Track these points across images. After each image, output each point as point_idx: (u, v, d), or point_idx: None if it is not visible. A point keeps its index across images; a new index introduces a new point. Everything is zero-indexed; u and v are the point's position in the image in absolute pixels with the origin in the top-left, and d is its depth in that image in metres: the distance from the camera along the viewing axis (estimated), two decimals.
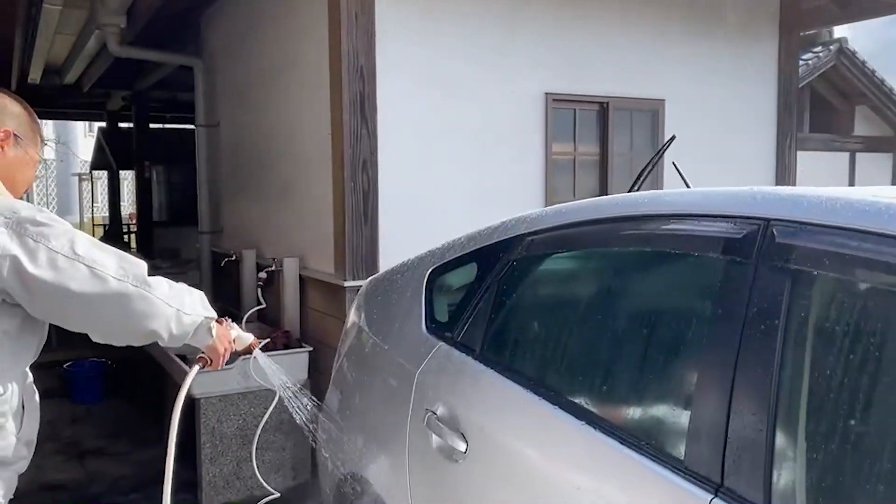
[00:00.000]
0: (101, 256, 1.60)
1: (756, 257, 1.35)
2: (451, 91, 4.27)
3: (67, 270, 1.54)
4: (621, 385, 1.59)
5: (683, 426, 1.37)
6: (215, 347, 1.88)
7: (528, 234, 1.98)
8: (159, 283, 1.68)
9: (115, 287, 1.59)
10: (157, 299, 1.64)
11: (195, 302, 1.77)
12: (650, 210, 1.64)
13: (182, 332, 1.73)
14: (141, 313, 1.63)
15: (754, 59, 5.39)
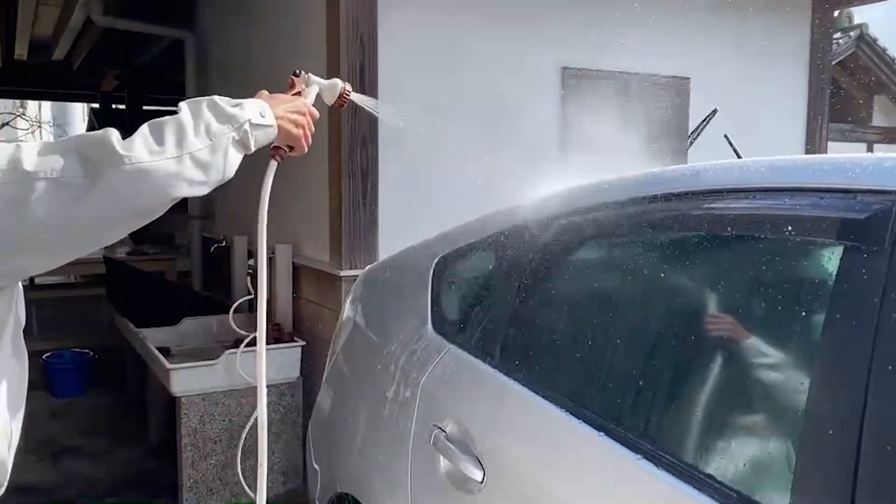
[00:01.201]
0: (52, 159, 1.12)
1: (890, 244, 0.99)
2: (459, 62, 3.90)
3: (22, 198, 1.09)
4: (692, 410, 1.23)
5: (788, 470, 1.01)
6: (285, 131, 1.42)
7: (565, 214, 1.61)
8: (133, 142, 1.18)
9: (88, 185, 1.13)
10: (141, 165, 1.16)
11: (208, 122, 1.26)
12: (724, 183, 1.28)
13: (215, 166, 1.25)
14: (128, 196, 1.17)
15: (787, 35, 5.01)
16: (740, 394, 1.19)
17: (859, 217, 1.04)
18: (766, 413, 1.14)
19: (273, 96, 1.46)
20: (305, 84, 1.62)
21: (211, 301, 4.90)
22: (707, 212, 1.28)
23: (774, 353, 1.15)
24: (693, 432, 1.21)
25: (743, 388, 1.18)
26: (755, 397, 1.17)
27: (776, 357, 1.15)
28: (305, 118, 1.47)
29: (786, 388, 1.11)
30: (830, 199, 1.10)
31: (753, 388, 1.17)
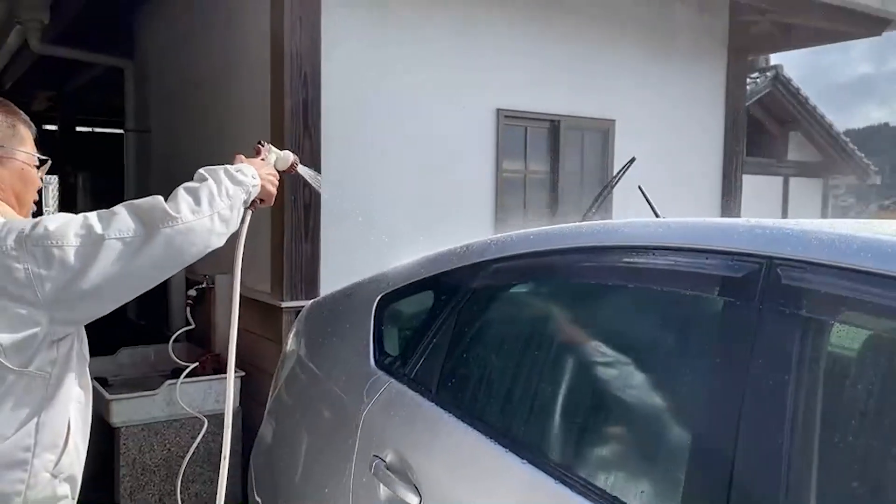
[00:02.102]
0: (117, 222, 1.43)
1: (759, 300, 1.19)
2: (400, 103, 4.08)
3: (98, 256, 1.39)
4: (599, 439, 1.41)
5: (678, 492, 1.20)
6: (266, 189, 1.76)
7: (493, 260, 1.79)
8: (179, 205, 1.50)
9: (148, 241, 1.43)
10: (189, 224, 1.48)
11: (227, 186, 1.59)
12: (633, 241, 1.48)
13: (233, 220, 1.59)
14: (182, 248, 1.48)
15: (703, 81, 5.38)
16: (643, 425, 1.37)
17: (736, 276, 1.25)
18: (662, 440, 1.32)
19: (251, 160, 1.80)
20: (268, 152, 1.91)
21: (148, 330, 4.90)
22: (615, 265, 1.48)
23: (669, 390, 1.35)
24: (603, 460, 1.39)
25: (644, 420, 1.37)
26: (655, 427, 1.36)
27: (671, 393, 1.34)
28: (276, 179, 1.82)
29: (676, 419, 1.30)
30: (714, 259, 1.30)
31: (653, 419, 1.36)
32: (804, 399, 1.10)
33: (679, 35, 5.15)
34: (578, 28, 4.71)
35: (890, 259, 1.08)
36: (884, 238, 1.12)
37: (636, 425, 1.40)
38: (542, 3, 4.54)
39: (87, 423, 1.61)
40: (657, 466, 1.31)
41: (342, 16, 3.87)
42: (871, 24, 5.15)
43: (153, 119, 5.77)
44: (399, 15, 4.07)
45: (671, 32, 5.11)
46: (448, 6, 4.22)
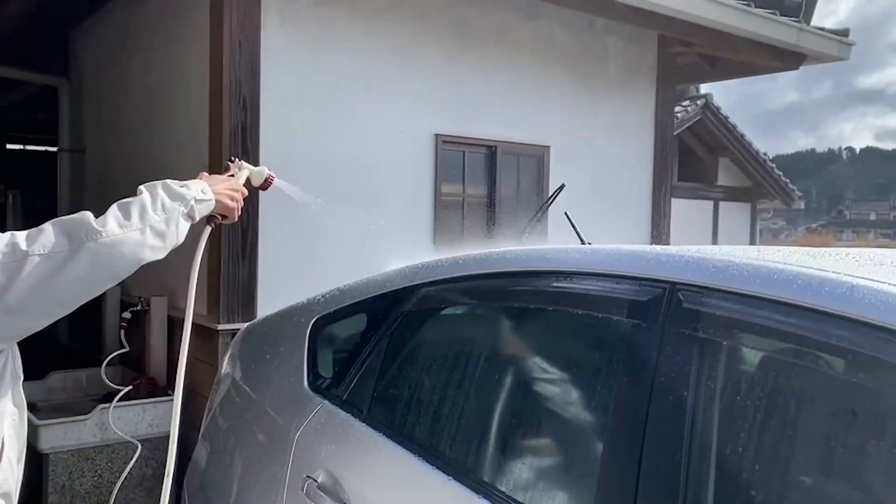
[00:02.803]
0: (42, 238, 1.42)
1: (662, 322, 1.29)
2: (340, 127, 4.14)
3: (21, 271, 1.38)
4: (520, 454, 1.49)
5: (589, 502, 1.28)
6: (222, 203, 1.75)
7: (422, 284, 1.86)
8: (107, 219, 1.50)
9: (72, 256, 1.42)
10: (116, 237, 1.47)
11: (163, 200, 1.58)
12: (552, 266, 1.57)
13: (170, 234, 1.57)
14: (109, 262, 1.47)
15: (633, 110, 5.60)
16: (561, 442, 1.46)
17: (642, 300, 1.35)
18: (577, 456, 1.41)
19: (212, 177, 1.80)
20: (238, 168, 1.93)
21: (80, 354, 4.79)
22: (536, 289, 1.57)
23: (584, 408, 1.43)
24: (523, 475, 1.46)
25: (562, 437, 1.45)
26: (571, 443, 1.44)
27: (585, 412, 1.43)
28: (238, 195, 1.81)
29: (590, 436, 1.38)
30: (624, 284, 1.40)
31: (569, 436, 1.44)
32: (701, 415, 1.20)
33: (610, 65, 5.36)
34: (514, 57, 4.86)
35: (776, 285, 1.19)
36: (771, 265, 1.23)
37: (555, 442, 1.48)
38: (478, 33, 4.67)
39: (23, 442, 1.60)
40: (572, 480, 1.39)
41: (282, 40, 3.92)
42: (788, 59, 5.45)
43: (88, 138, 5.68)
44: (339, 42, 4.13)
45: (602, 62, 5.32)
46: (387, 35, 4.31)
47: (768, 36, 5.02)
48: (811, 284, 1.14)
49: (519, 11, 4.83)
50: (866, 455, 1.09)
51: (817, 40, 5.27)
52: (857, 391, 1.08)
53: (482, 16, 4.68)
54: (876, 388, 1.05)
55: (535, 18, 4.92)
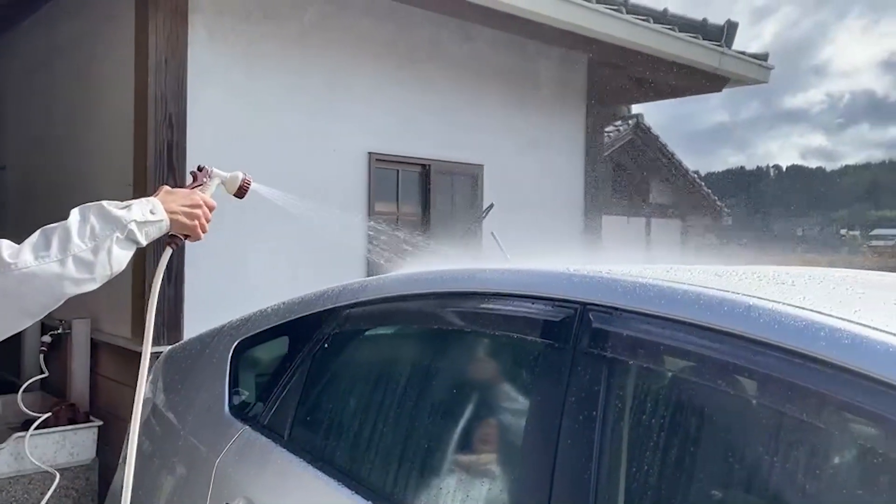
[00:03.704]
0: None
1: (573, 343, 1.31)
2: (270, 145, 4.09)
3: None
4: (441, 477, 1.48)
5: None
6: (179, 223, 1.59)
7: (345, 306, 1.85)
8: (22, 250, 1.35)
9: None
10: (29, 270, 1.32)
11: (93, 225, 1.41)
12: (470, 287, 1.58)
13: (100, 264, 1.39)
14: (21, 297, 1.33)
15: (565, 130, 5.71)
16: (479, 463, 1.46)
17: (555, 320, 1.37)
18: (495, 476, 1.41)
19: (171, 191, 1.64)
20: (208, 177, 1.77)
21: None
22: (456, 310, 1.58)
23: (503, 429, 1.44)
24: (443, 497, 1.46)
25: (479, 458, 1.46)
26: (489, 464, 1.45)
27: (504, 432, 1.44)
28: (200, 210, 1.63)
29: (507, 456, 1.40)
30: (539, 305, 1.42)
31: (487, 457, 1.45)
32: (610, 435, 1.22)
33: (541, 86, 5.46)
34: (446, 76, 4.90)
35: (679, 305, 1.22)
36: (676, 286, 1.27)
37: (475, 465, 1.48)
38: (410, 52, 4.70)
39: None
40: (492, 501, 1.40)
41: (210, 57, 3.86)
42: (712, 81, 5.66)
43: (9, 156, 5.47)
44: (269, 59, 4.10)
45: (534, 83, 5.41)
46: (319, 53, 4.30)
47: (692, 59, 5.21)
48: (711, 304, 1.18)
49: (452, 32, 4.88)
50: (765, 468, 1.12)
51: (738, 64, 5.48)
52: (755, 408, 1.12)
53: (415, 36, 4.72)
54: (771, 405, 1.09)
55: (467, 39, 4.98)
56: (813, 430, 1.05)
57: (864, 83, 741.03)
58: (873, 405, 0.97)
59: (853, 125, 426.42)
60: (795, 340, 1.06)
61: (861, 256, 24.41)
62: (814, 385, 1.04)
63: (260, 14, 4.06)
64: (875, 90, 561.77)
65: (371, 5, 4.43)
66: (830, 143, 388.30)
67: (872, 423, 1.00)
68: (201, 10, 3.81)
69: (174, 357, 2.56)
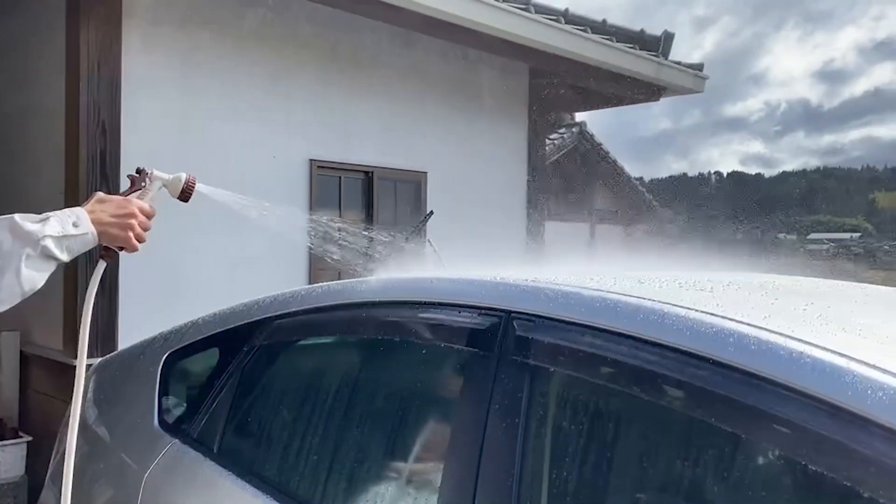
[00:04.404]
0: None
1: (498, 350, 1.33)
2: (208, 152, 4.03)
3: None
4: (369, 486, 1.48)
5: None
6: (109, 234, 1.47)
7: (275, 317, 1.83)
8: None
9: None
10: None
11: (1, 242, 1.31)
12: (398, 297, 1.59)
13: (6, 284, 1.32)
14: None
15: (507, 137, 5.77)
16: (406, 471, 1.46)
17: (482, 328, 1.38)
18: (423, 483, 1.42)
19: (104, 199, 1.52)
20: (149, 180, 1.65)
21: None
22: (386, 319, 1.58)
23: (432, 438, 1.45)
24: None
25: (406, 466, 1.46)
26: (417, 472, 1.46)
27: (433, 441, 1.44)
28: (134, 219, 1.51)
29: (438, 463, 1.40)
30: (466, 313, 1.43)
31: (415, 465, 1.45)
32: (532, 440, 1.24)
33: (484, 94, 5.51)
34: (390, 84, 4.91)
35: (598, 312, 1.25)
36: (595, 294, 1.29)
37: (403, 473, 1.48)
38: (353, 59, 4.69)
39: None
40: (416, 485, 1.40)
41: (145, 63, 3.79)
42: (650, 91, 5.79)
43: None
44: (207, 67, 4.04)
45: (476, 91, 5.46)
46: (257, 60, 4.26)
47: (630, 69, 5.32)
48: (628, 312, 1.21)
49: (394, 40, 4.89)
50: (679, 472, 1.15)
51: (675, 74, 5.63)
52: (668, 413, 1.15)
53: (356, 43, 4.71)
54: (682, 410, 1.12)
55: (411, 47, 4.99)
56: (724, 435, 1.09)
57: (800, 92, 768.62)
58: (781, 410, 1.01)
59: (789, 133, 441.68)
60: (705, 346, 1.09)
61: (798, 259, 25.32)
62: (723, 390, 1.07)
63: (197, 21, 4.00)
64: (810, 99, 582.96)
65: (312, 13, 4.41)
66: (768, 151, 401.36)
67: (780, 428, 1.03)
68: (135, 16, 3.74)
69: (104, 370, 2.50)
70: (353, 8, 4.28)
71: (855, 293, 1.74)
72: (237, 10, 4.16)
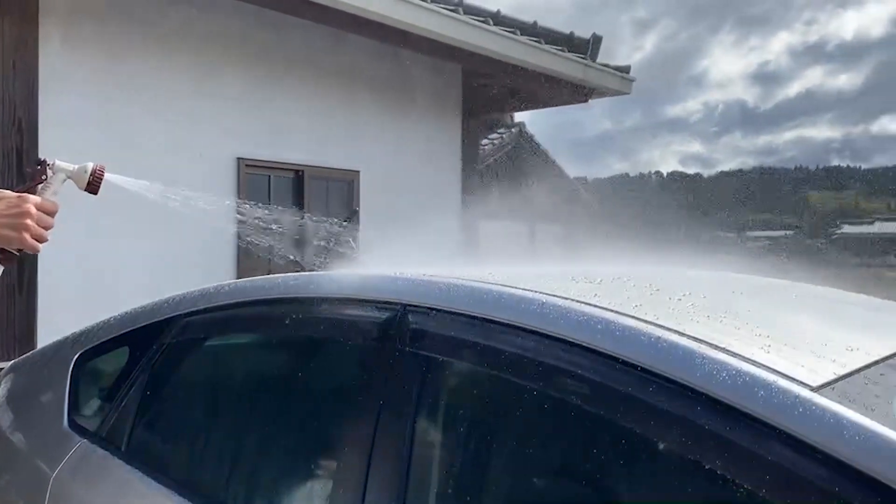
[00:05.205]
0: None
1: (396, 342, 1.37)
2: (132, 150, 3.97)
3: None
4: (270, 481, 1.51)
5: None
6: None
7: (184, 315, 1.83)
8: None
9: None
10: None
11: None
12: (303, 293, 1.62)
13: None
14: None
15: (441, 137, 5.83)
16: (311, 464, 1.50)
17: (381, 322, 1.42)
18: (323, 475, 1.46)
19: None
20: (51, 172, 1.55)
21: None
22: (287, 315, 1.61)
23: (331, 427, 1.49)
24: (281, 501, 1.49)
25: (311, 459, 1.49)
26: (321, 464, 1.49)
27: (332, 430, 1.48)
28: (28, 218, 1.42)
29: (336, 453, 1.44)
30: (366, 308, 1.47)
31: (319, 458, 1.49)
32: (424, 428, 1.29)
33: (417, 94, 5.56)
34: (321, 83, 4.91)
35: (485, 304, 1.30)
36: (485, 287, 1.35)
37: (305, 465, 1.52)
38: (284, 59, 4.68)
39: None
40: (321, 498, 1.44)
41: (65, 61, 3.72)
42: (578, 92, 5.93)
43: None
44: (131, 63, 3.98)
45: (409, 92, 5.50)
46: (182, 57, 4.21)
47: (558, 71, 5.44)
48: (511, 303, 1.27)
49: (325, 39, 4.90)
50: (560, 456, 1.22)
51: (602, 76, 5.77)
52: (543, 399, 1.21)
53: (285, 43, 4.70)
54: (556, 395, 1.18)
55: (340, 46, 5.00)
56: (597, 419, 1.15)
57: (736, 94, 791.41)
58: (646, 395, 1.07)
59: (727, 133, 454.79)
60: (578, 334, 1.16)
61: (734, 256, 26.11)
62: (595, 376, 1.13)
63: (119, 18, 3.94)
64: (746, 100, 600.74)
65: (238, 11, 4.39)
66: (707, 151, 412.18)
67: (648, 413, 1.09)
68: (54, 13, 3.66)
69: (18, 371, 2.45)
70: (279, 6, 4.27)
71: (740, 285, 1.84)
72: (160, 9, 4.11)
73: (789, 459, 0.91)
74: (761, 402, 0.95)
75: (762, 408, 0.94)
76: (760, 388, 0.96)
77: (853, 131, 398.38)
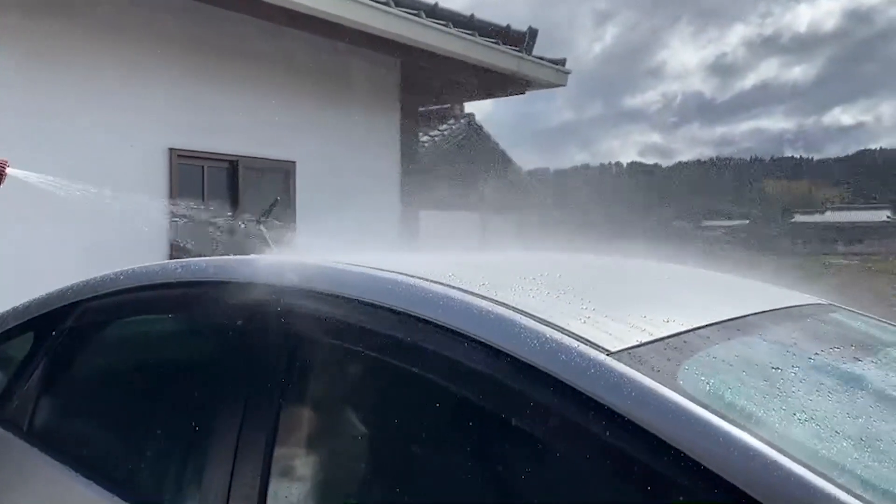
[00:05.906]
0: None
1: (275, 322, 1.47)
2: (60, 140, 3.98)
3: None
4: (156, 460, 1.60)
5: None
6: None
7: (84, 300, 1.90)
8: None
9: None
10: None
11: None
12: (187, 278, 1.70)
13: None
14: None
15: (380, 128, 5.91)
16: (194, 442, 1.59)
17: (252, 301, 1.52)
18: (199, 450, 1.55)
19: None
20: None
21: None
22: (179, 299, 1.70)
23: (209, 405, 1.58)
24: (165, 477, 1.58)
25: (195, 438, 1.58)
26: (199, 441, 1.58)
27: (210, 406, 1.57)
28: None
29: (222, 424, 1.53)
30: (243, 290, 1.56)
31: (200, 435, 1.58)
32: (289, 404, 1.39)
33: (355, 86, 5.63)
34: (256, 74, 4.95)
35: (352, 287, 1.40)
36: (378, 274, 1.43)
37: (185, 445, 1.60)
38: (217, 50, 4.71)
39: None
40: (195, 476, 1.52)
41: None
42: (515, 84, 6.05)
43: None
44: (59, 55, 3.98)
45: (346, 83, 5.56)
46: (113, 48, 4.22)
47: (493, 63, 5.56)
48: (377, 284, 1.37)
49: (260, 30, 4.93)
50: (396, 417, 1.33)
51: (536, 68, 5.90)
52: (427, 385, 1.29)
53: (220, 34, 4.73)
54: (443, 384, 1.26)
55: (276, 37, 5.04)
56: (425, 382, 1.26)
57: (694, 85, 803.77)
58: (476, 360, 1.18)
59: (685, 124, 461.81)
60: (424, 309, 1.26)
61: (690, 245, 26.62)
62: (447, 352, 1.22)
63: (46, 10, 3.94)
64: (703, 92, 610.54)
65: (170, 3, 4.40)
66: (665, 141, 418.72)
67: (467, 374, 1.19)
68: None
69: None
70: None
71: (613, 268, 1.98)
72: (90, 0, 4.11)
73: (582, 414, 1.03)
74: (561, 365, 1.07)
75: (561, 369, 1.07)
76: (563, 353, 1.09)
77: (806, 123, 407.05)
